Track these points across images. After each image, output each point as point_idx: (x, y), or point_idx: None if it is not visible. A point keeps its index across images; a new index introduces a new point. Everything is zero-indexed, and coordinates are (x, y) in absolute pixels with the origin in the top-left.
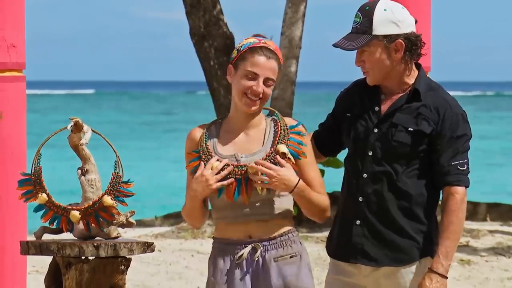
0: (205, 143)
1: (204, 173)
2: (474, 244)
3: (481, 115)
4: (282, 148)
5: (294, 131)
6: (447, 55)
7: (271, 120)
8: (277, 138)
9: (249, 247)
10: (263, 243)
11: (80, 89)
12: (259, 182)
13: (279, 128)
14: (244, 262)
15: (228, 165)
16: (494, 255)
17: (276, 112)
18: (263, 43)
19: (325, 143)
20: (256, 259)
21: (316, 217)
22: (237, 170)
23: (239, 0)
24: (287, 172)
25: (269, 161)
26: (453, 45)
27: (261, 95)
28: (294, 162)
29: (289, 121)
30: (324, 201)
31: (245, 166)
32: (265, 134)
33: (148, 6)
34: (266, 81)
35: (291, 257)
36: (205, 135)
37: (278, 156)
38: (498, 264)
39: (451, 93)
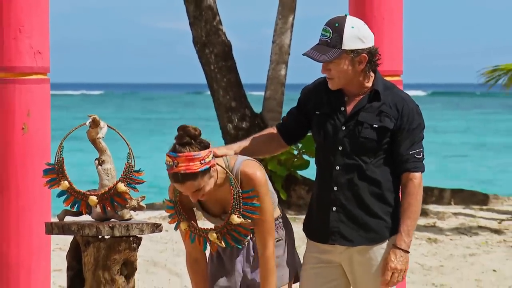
0: (176, 198)
1: (180, 226)
2: (440, 225)
3: (447, 113)
4: (235, 220)
5: (247, 196)
6: (427, 59)
7: (229, 182)
8: (230, 208)
9: None
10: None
11: (95, 90)
12: (219, 242)
13: (232, 196)
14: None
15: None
16: (458, 235)
17: (231, 176)
18: (175, 165)
19: (292, 134)
20: (247, 242)
21: None
22: (201, 232)
23: (236, 12)
24: None
25: (226, 228)
26: (432, 50)
27: (199, 198)
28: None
29: (247, 181)
30: (274, 274)
31: (208, 231)
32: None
33: (157, 17)
34: (195, 192)
35: (277, 241)
36: (176, 190)
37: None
38: (461, 242)
39: (423, 93)
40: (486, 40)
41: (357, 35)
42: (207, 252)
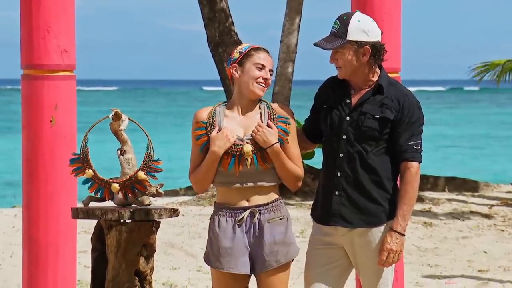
0: (212, 119)
1: (224, 131)
2: (435, 210)
3: (440, 107)
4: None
5: (281, 120)
6: (416, 58)
7: (265, 107)
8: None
9: (248, 211)
10: (258, 208)
11: (115, 86)
12: (249, 158)
13: (270, 117)
14: (244, 223)
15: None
16: (451, 219)
17: (268, 103)
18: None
19: (313, 133)
20: (255, 221)
21: (289, 183)
22: (233, 147)
23: (246, 14)
24: (270, 133)
25: (261, 147)
26: (420, 51)
27: (268, 82)
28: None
29: (281, 111)
30: (297, 170)
31: (240, 145)
32: (261, 117)
33: (174, 19)
34: (269, 71)
35: (280, 219)
36: (213, 113)
37: (270, 122)
38: (454, 226)
39: (418, 88)
40: (476, 39)
41: (362, 28)
42: (210, 223)
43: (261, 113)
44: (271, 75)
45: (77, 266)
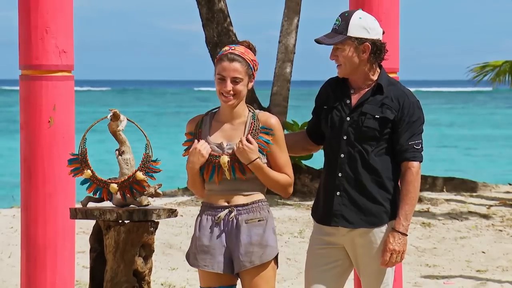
0: (199, 129)
1: (197, 146)
2: (433, 210)
3: (438, 107)
4: (225, 159)
5: (264, 131)
6: (415, 58)
7: (251, 117)
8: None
9: (226, 210)
10: (237, 208)
11: (114, 86)
12: (226, 169)
13: (252, 128)
14: (222, 222)
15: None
16: (450, 219)
17: (255, 112)
18: (232, 49)
19: (316, 135)
20: (231, 220)
21: (278, 191)
22: (212, 158)
23: (245, 14)
24: (250, 149)
25: (236, 157)
26: (418, 51)
27: (231, 92)
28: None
29: (266, 122)
30: (284, 179)
31: (219, 157)
32: (245, 125)
33: (172, 19)
34: (233, 80)
35: (259, 220)
36: (200, 123)
37: (250, 136)
38: (452, 226)
39: (416, 88)
40: (475, 38)
41: (363, 25)
42: (195, 221)
43: (246, 122)
44: (238, 82)
45: (75, 266)
